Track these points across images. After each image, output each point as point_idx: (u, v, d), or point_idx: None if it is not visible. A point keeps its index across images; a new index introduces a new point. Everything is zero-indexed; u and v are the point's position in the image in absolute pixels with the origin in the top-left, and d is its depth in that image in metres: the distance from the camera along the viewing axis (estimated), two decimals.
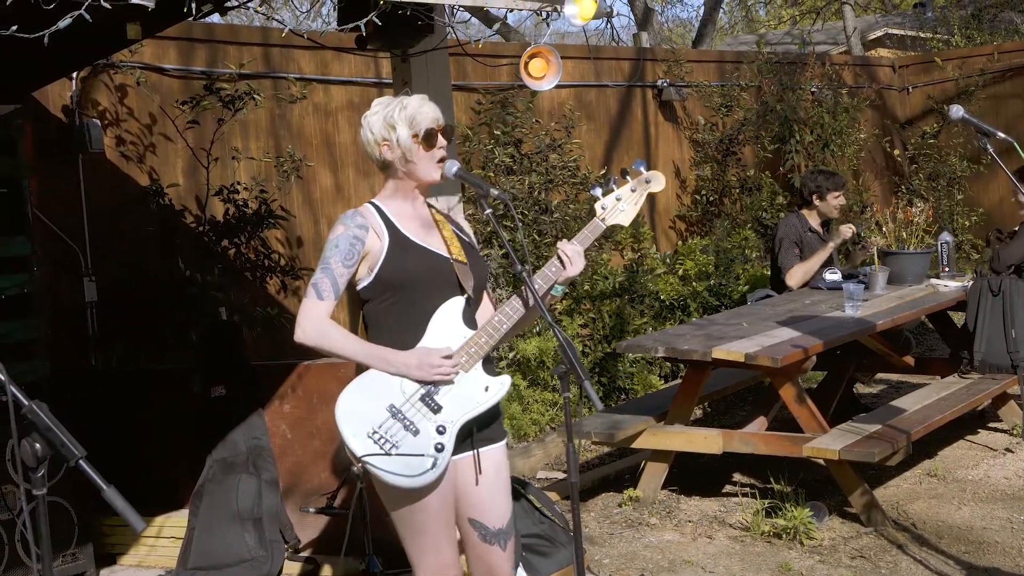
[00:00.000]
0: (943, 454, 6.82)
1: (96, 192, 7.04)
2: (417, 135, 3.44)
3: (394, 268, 3.42)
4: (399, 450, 3.32)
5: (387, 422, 3.34)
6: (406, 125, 3.44)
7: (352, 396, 3.38)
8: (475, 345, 3.43)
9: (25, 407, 2.21)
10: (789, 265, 7.57)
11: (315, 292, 3.40)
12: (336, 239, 3.42)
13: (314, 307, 3.40)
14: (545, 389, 7.93)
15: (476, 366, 3.45)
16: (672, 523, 5.99)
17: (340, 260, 3.40)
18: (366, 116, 3.53)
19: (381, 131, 3.47)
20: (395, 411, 3.36)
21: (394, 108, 3.47)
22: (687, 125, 11.76)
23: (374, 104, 3.55)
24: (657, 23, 19.71)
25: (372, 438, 3.32)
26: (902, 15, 23.76)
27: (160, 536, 5.72)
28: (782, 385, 5.95)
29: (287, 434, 5.71)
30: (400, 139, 3.44)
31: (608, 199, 3.65)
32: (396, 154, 3.47)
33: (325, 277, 3.40)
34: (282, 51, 8.27)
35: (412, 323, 3.44)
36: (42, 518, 2.17)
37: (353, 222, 3.44)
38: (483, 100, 9.33)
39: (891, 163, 13.98)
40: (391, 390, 3.37)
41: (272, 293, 7.63)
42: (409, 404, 3.37)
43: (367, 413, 3.35)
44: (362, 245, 3.42)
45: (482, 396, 3.45)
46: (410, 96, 3.54)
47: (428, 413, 3.38)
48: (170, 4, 3.82)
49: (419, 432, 3.35)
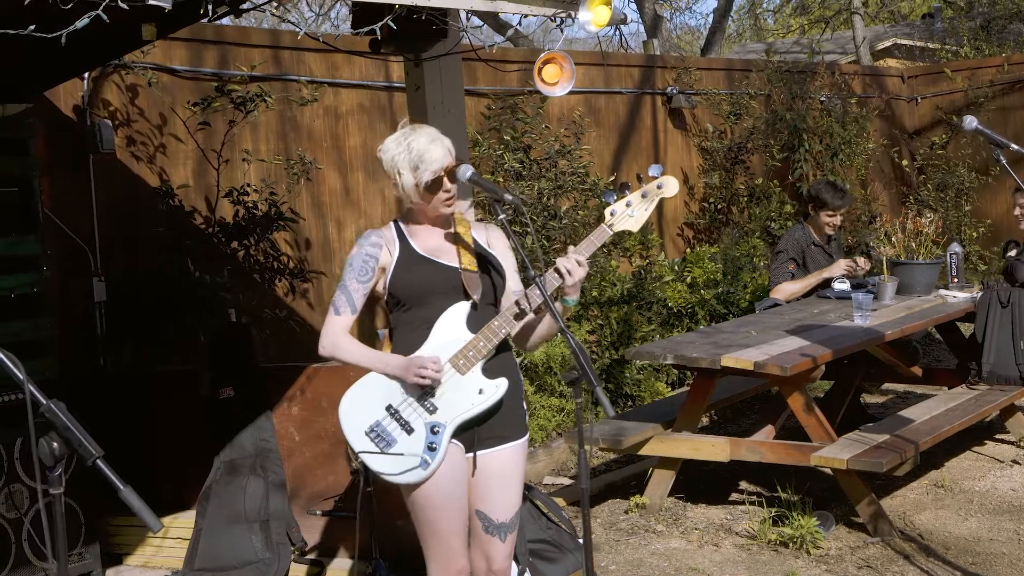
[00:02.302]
0: (950, 465, 6.82)
1: (106, 192, 7.05)
2: (419, 185, 3.54)
3: (401, 281, 3.61)
4: (394, 447, 3.51)
5: (384, 420, 3.53)
6: (410, 172, 3.54)
7: (354, 395, 3.59)
8: (472, 349, 3.56)
9: (43, 406, 2.21)
10: (777, 280, 7.54)
11: (333, 309, 3.66)
12: (351, 259, 3.65)
13: (332, 323, 3.65)
14: (552, 395, 7.92)
15: (474, 369, 3.57)
16: (679, 530, 5.98)
17: (354, 277, 3.63)
18: (380, 149, 3.64)
19: (389, 170, 3.61)
20: (392, 411, 3.54)
21: (402, 152, 3.55)
22: (696, 132, 11.76)
23: (387, 140, 3.63)
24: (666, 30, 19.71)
25: (369, 436, 3.52)
26: (911, 25, 23.78)
27: (167, 536, 5.73)
28: (790, 394, 5.94)
29: (295, 436, 5.71)
30: (404, 186, 3.57)
31: (618, 205, 3.68)
32: (403, 195, 3.62)
33: (341, 294, 3.64)
34: (292, 53, 8.28)
35: (419, 328, 3.61)
36: (58, 517, 2.17)
37: (367, 241, 3.66)
38: (492, 105, 9.34)
39: (899, 173, 13.98)
40: (391, 391, 3.56)
41: (280, 295, 7.64)
42: (406, 404, 3.54)
43: (366, 411, 3.55)
44: (375, 262, 3.63)
45: (476, 398, 3.56)
46: (419, 135, 3.58)
47: (424, 413, 3.54)
48: (186, 5, 3.83)
49: (413, 431, 3.52)
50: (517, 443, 3.68)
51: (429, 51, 5.29)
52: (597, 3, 4.81)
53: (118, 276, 6.94)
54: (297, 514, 5.50)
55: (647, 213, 3.70)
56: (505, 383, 3.59)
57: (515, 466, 3.69)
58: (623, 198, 3.67)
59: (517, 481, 3.72)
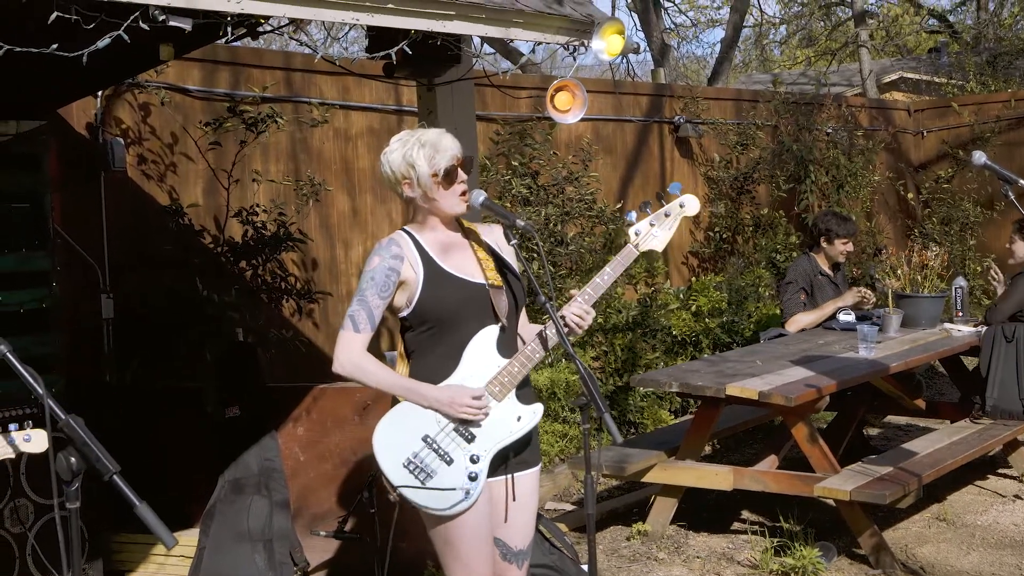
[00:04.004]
0: (952, 498, 6.82)
1: (116, 210, 7.09)
2: (436, 174, 3.47)
3: (431, 301, 3.47)
4: (434, 479, 3.39)
5: (422, 451, 3.40)
6: (426, 163, 3.46)
7: (388, 427, 3.44)
8: (508, 375, 3.47)
9: (62, 421, 2.23)
10: (792, 312, 7.56)
11: (352, 324, 3.46)
12: (372, 271, 3.47)
13: (351, 340, 3.46)
14: (556, 420, 7.93)
15: (510, 395, 3.49)
16: (680, 559, 5.98)
17: (376, 292, 3.45)
18: (385, 153, 3.55)
19: (401, 169, 3.50)
20: (430, 441, 3.41)
21: (412, 146, 3.49)
22: (702, 162, 11.81)
23: (392, 141, 3.56)
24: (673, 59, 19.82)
25: (408, 468, 3.39)
26: (916, 59, 23.88)
27: (170, 554, 5.72)
28: (795, 424, 5.96)
29: (299, 456, 5.72)
30: (420, 178, 3.47)
31: (642, 224, 3.65)
32: (417, 192, 3.51)
33: (361, 309, 3.46)
34: (304, 75, 8.34)
35: (448, 353, 3.49)
36: (74, 532, 2.19)
37: (388, 252, 3.48)
38: (501, 130, 9.39)
39: (904, 206, 14.02)
40: (425, 420, 3.43)
41: (287, 316, 7.66)
42: (443, 434, 3.42)
43: (403, 443, 3.41)
44: (397, 276, 3.47)
45: (515, 425, 3.49)
46: (427, 130, 3.56)
47: (462, 442, 3.43)
48: (205, 26, 3.87)
49: (453, 461, 3.41)
50: (535, 469, 3.65)
51: (442, 76, 5.33)
52: (610, 32, 4.85)
53: (126, 293, 6.97)
54: (301, 534, 5.51)
55: (671, 232, 3.68)
56: (541, 408, 3.55)
57: (533, 492, 3.65)
58: (645, 217, 3.65)
59: (534, 507, 3.67)
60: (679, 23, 25.23)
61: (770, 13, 32.11)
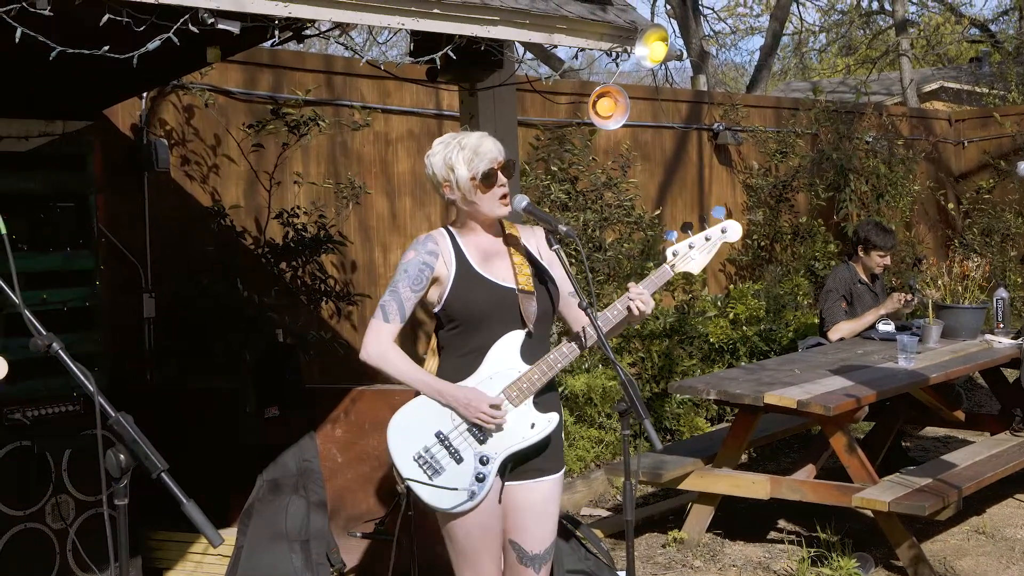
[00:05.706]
0: (992, 511, 6.76)
1: (159, 210, 7.15)
2: (475, 177, 3.50)
3: (460, 301, 3.52)
4: (442, 476, 3.46)
5: (434, 447, 3.48)
6: (465, 166, 3.49)
7: (403, 418, 3.52)
8: (527, 381, 3.51)
9: (112, 418, 2.26)
10: (834, 320, 7.51)
11: (382, 314, 3.53)
12: (406, 264, 3.55)
13: (380, 329, 3.53)
14: (591, 426, 7.93)
15: (527, 401, 3.53)
16: (716, 567, 5.96)
17: (408, 285, 3.53)
18: (428, 156, 3.60)
19: (441, 172, 3.54)
20: (442, 437, 3.48)
21: (453, 149, 3.52)
22: (741, 169, 11.78)
23: (435, 143, 3.61)
24: (712, 66, 19.76)
25: (417, 461, 3.47)
26: (957, 69, 23.69)
27: (207, 552, 5.75)
28: (833, 434, 5.93)
29: (337, 457, 5.75)
30: (459, 181, 3.51)
31: (681, 245, 3.66)
32: (457, 195, 3.55)
33: (392, 300, 3.53)
34: (345, 79, 8.38)
35: (473, 353, 3.54)
36: (123, 528, 2.21)
37: (424, 248, 3.56)
38: (541, 136, 9.40)
39: (944, 216, 13.92)
40: (441, 417, 3.50)
41: (325, 317, 7.70)
42: (457, 432, 3.49)
43: (416, 436, 3.49)
44: (431, 271, 3.54)
45: (527, 432, 3.53)
46: (469, 134, 3.59)
47: (474, 443, 3.49)
48: (252, 29, 3.90)
49: (462, 460, 3.48)
50: (555, 476, 3.66)
51: (484, 81, 5.35)
52: (654, 39, 4.85)
53: (168, 293, 7.03)
54: (337, 535, 5.53)
55: (709, 256, 3.69)
56: (556, 418, 3.58)
57: (552, 499, 3.66)
58: (685, 238, 3.66)
59: (553, 514, 3.68)
60: (718, 30, 25.15)
61: (810, 21, 32.01)
